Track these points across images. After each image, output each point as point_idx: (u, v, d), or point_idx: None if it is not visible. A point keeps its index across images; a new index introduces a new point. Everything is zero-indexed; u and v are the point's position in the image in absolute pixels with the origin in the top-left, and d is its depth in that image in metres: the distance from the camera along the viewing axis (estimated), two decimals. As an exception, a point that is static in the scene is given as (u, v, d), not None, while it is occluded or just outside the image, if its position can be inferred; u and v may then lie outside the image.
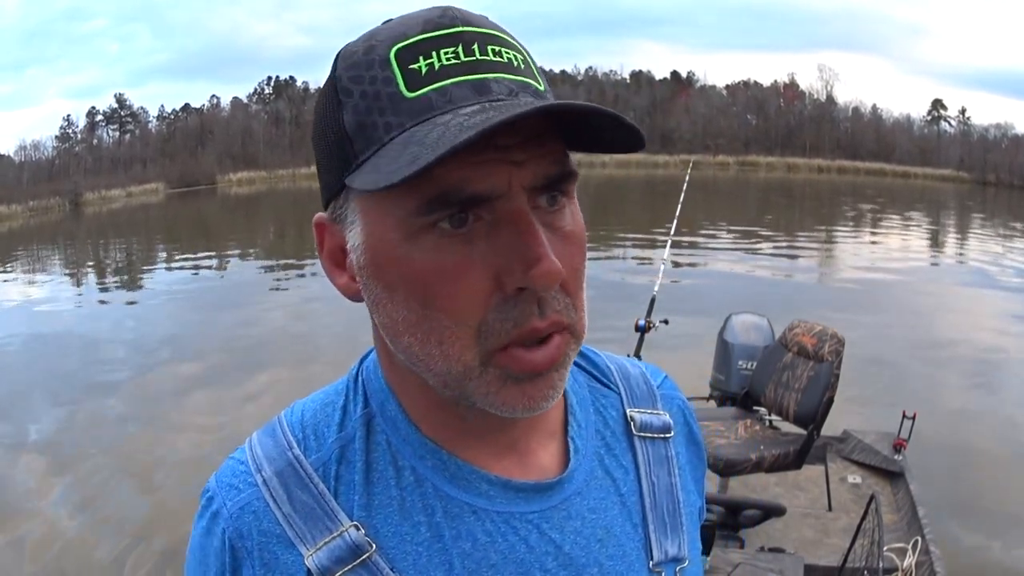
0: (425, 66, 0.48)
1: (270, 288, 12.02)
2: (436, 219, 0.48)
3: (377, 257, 0.50)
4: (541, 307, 0.49)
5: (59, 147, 49.32)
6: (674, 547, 0.63)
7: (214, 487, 0.58)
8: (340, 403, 0.60)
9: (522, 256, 0.47)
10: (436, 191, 0.47)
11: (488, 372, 0.50)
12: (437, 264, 0.48)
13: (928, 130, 57.01)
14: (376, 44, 0.49)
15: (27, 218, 31.64)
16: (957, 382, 6.41)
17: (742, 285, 10.52)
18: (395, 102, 0.48)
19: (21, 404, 6.29)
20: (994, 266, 12.72)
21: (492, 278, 0.48)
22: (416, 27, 0.49)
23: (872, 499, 2.49)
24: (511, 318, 0.49)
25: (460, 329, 0.49)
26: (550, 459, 0.60)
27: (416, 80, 0.48)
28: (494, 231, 0.48)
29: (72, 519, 4.32)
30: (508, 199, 0.48)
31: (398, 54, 0.48)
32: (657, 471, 0.65)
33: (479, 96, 0.47)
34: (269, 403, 5.85)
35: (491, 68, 0.49)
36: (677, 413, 0.70)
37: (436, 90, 0.47)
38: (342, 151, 0.50)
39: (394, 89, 0.48)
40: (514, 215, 0.48)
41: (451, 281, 0.48)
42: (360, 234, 0.51)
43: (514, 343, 0.49)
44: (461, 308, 0.49)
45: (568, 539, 0.57)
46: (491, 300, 0.49)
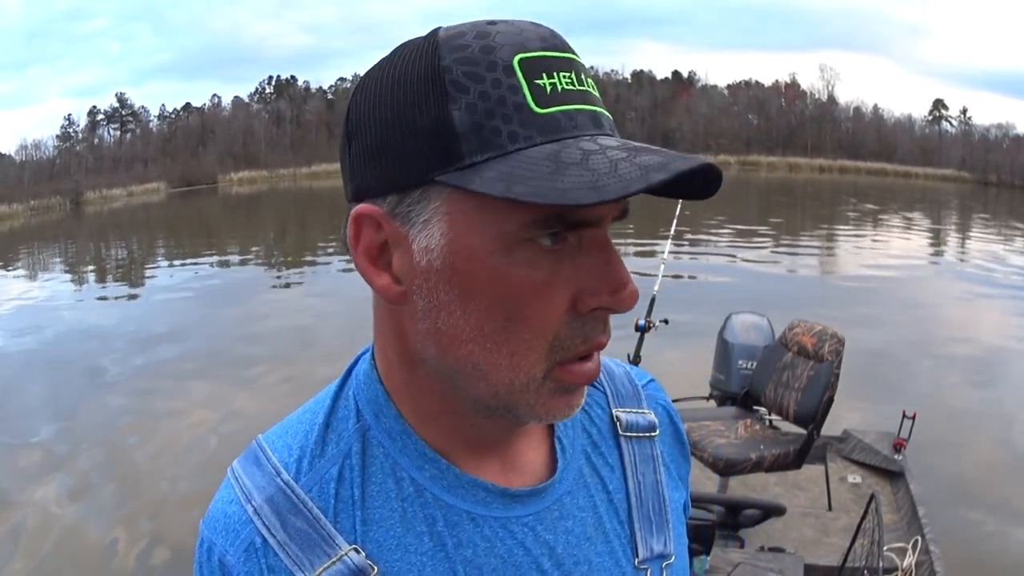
0: (549, 85, 0.48)
1: (271, 287, 12.04)
2: (539, 234, 0.48)
3: (464, 263, 0.49)
4: (605, 325, 0.53)
5: (60, 146, 49.45)
6: (660, 544, 0.64)
7: (208, 535, 0.57)
8: (327, 419, 0.58)
9: (610, 280, 0.50)
10: (553, 211, 0.47)
11: (545, 384, 0.52)
12: (530, 279, 0.49)
13: (929, 130, 56.99)
14: (495, 46, 0.48)
15: (28, 217, 31.67)
16: (957, 382, 6.41)
17: (742, 285, 10.53)
18: (522, 113, 0.47)
19: (21, 402, 6.30)
20: (995, 266, 12.71)
21: (571, 297, 0.50)
22: (535, 41, 0.49)
23: (872, 499, 2.49)
24: (581, 333, 0.51)
25: (537, 342, 0.50)
26: (538, 459, 0.61)
27: (543, 97, 0.47)
28: (580, 254, 0.50)
29: (71, 516, 4.32)
30: (600, 227, 0.50)
31: (522, 64, 0.47)
32: (643, 469, 0.65)
33: (595, 128, 0.49)
34: (269, 401, 5.85)
35: (596, 101, 0.50)
36: (662, 413, 0.70)
37: (563, 112, 0.48)
38: (443, 146, 0.47)
39: (521, 100, 0.47)
40: (603, 243, 0.50)
41: (539, 296, 0.49)
42: (441, 237, 0.49)
43: (573, 358, 0.52)
44: (542, 322, 0.50)
45: (560, 539, 0.58)
46: (565, 316, 0.51)
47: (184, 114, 57.92)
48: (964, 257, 14.51)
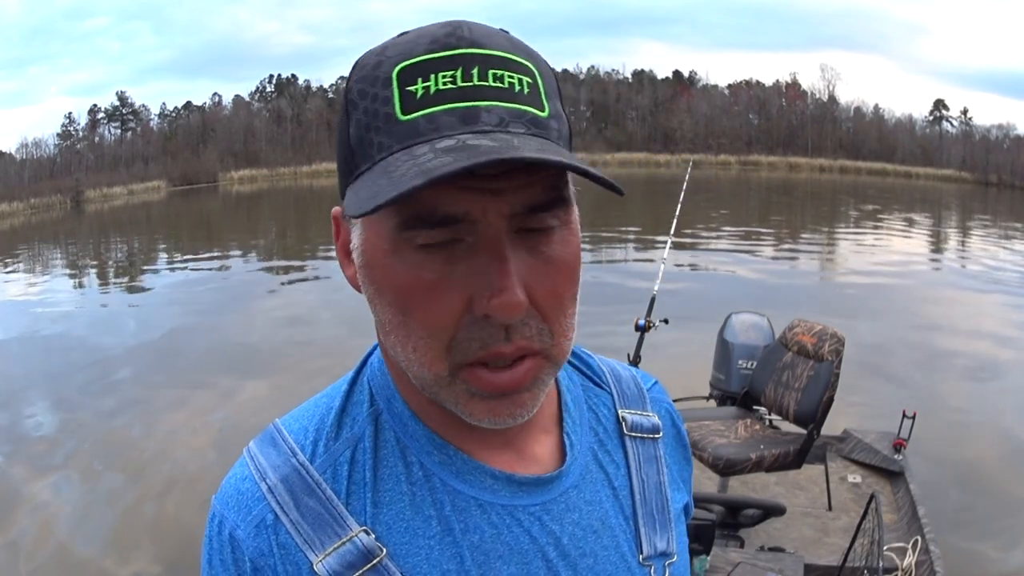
0: (421, 89, 0.49)
1: (271, 286, 12.04)
2: (416, 235, 0.49)
3: (369, 262, 0.52)
4: (508, 333, 0.50)
5: (61, 145, 49.45)
6: (663, 542, 0.65)
7: (220, 510, 0.58)
8: (343, 404, 0.60)
9: (488, 285, 0.49)
10: (413, 211, 0.48)
11: (456, 383, 0.52)
12: (416, 278, 0.50)
13: (930, 130, 56.96)
14: (384, 60, 0.50)
15: (29, 216, 31.69)
16: (957, 381, 6.40)
17: (742, 284, 10.52)
18: (389, 123, 0.49)
19: (20, 401, 6.30)
20: (995, 267, 12.70)
21: (467, 298, 0.50)
22: (423, 45, 0.50)
23: (872, 498, 2.49)
24: (479, 339, 0.50)
25: (433, 340, 0.51)
26: (545, 453, 0.62)
27: (411, 103, 0.49)
28: (473, 254, 0.49)
29: (70, 517, 4.32)
30: (485, 225, 0.49)
31: (400, 73, 0.49)
32: (647, 469, 0.67)
33: (464, 125, 0.48)
34: (270, 401, 5.85)
35: (487, 95, 0.49)
36: (665, 416, 0.72)
37: (426, 116, 0.48)
38: (346, 160, 0.52)
39: (390, 110, 0.49)
40: (488, 242, 0.49)
41: (427, 296, 0.50)
42: (359, 237, 0.53)
43: (479, 363, 0.51)
44: (434, 322, 0.50)
45: (567, 531, 0.59)
46: (463, 318, 0.50)
47: (185, 112, 57.95)
48: (964, 257, 14.51)
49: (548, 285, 0.51)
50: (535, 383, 0.53)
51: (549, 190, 0.50)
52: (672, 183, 6.84)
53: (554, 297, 0.52)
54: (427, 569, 0.55)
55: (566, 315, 0.53)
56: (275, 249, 17.11)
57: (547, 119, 0.51)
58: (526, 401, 0.53)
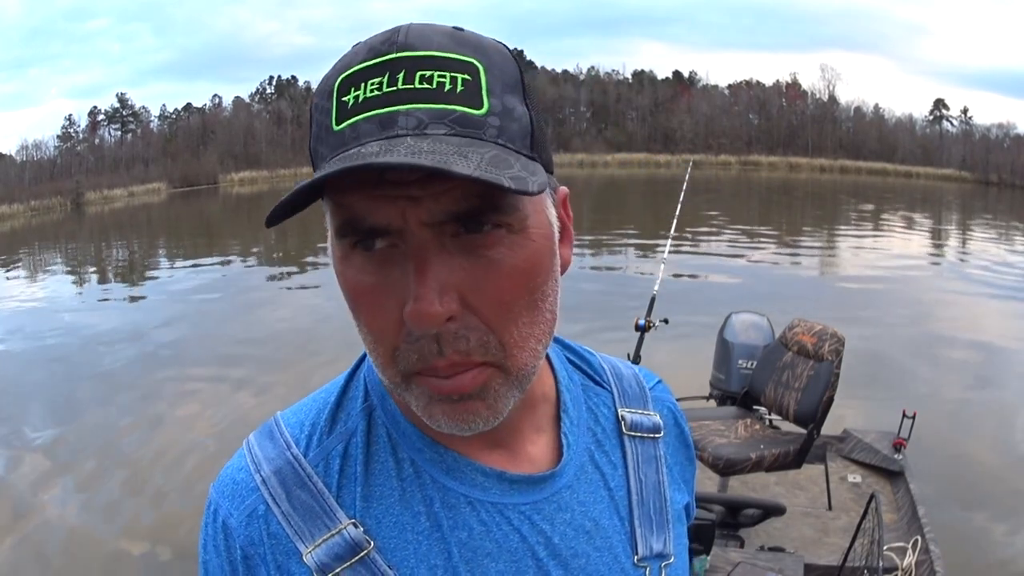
0: (352, 99, 0.49)
1: (272, 287, 12.04)
2: (353, 242, 0.50)
3: (333, 264, 0.53)
4: (440, 346, 0.48)
5: (61, 147, 49.43)
6: (659, 543, 0.64)
7: (216, 498, 0.59)
8: (339, 400, 0.61)
9: (408, 293, 0.48)
10: (343, 219, 0.49)
11: (412, 387, 0.51)
12: (358, 283, 0.50)
13: (930, 130, 56.99)
14: (331, 74, 0.51)
15: (29, 218, 31.69)
16: (957, 381, 6.40)
17: (742, 284, 10.53)
18: (327, 134, 0.50)
19: (22, 402, 6.30)
20: (995, 266, 12.69)
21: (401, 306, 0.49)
22: (361, 55, 0.50)
23: (872, 498, 2.49)
24: (415, 350, 0.49)
25: (380, 347, 0.51)
26: (540, 453, 0.61)
27: (343, 113, 0.49)
28: (405, 261, 0.49)
29: (72, 517, 4.33)
30: (409, 233, 0.48)
31: (339, 85, 0.50)
32: (645, 469, 0.66)
33: (382, 131, 0.47)
34: (270, 400, 5.87)
35: (408, 98, 0.48)
36: (668, 415, 0.71)
37: (351, 125, 0.49)
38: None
39: (328, 121, 0.50)
40: (412, 250, 0.48)
41: (369, 302, 0.50)
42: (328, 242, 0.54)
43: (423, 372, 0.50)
44: (378, 330, 0.51)
45: (558, 530, 0.59)
46: (403, 328, 0.49)
47: (185, 114, 57.97)
48: (965, 257, 14.50)
49: (491, 292, 0.49)
50: (486, 392, 0.51)
51: (476, 197, 0.47)
52: (672, 183, 6.85)
53: (499, 305, 0.49)
54: (414, 563, 0.55)
55: (518, 324, 0.50)
56: (276, 250, 17.11)
57: (482, 116, 0.49)
58: (479, 410, 0.51)
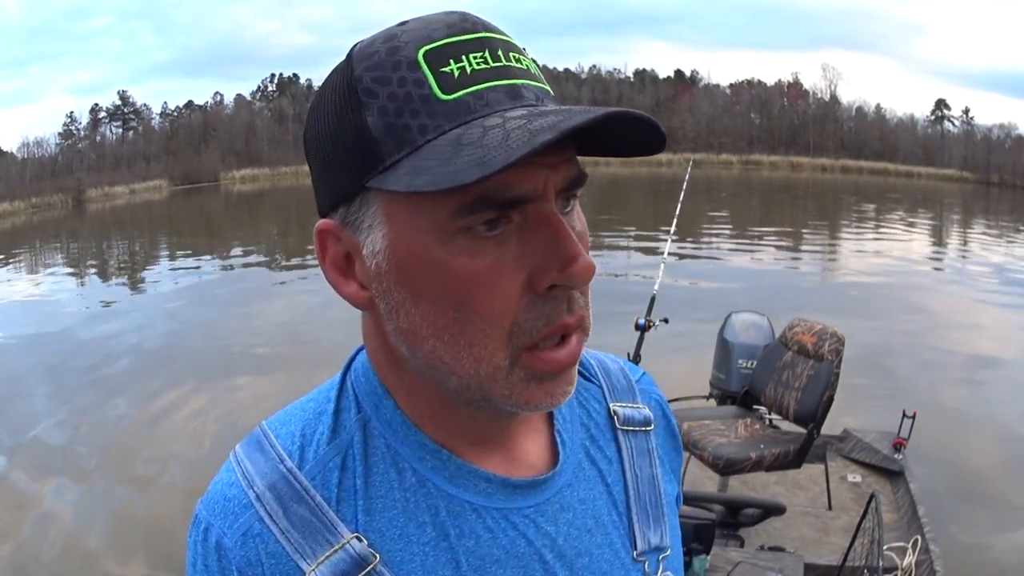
0: (457, 69, 0.48)
1: (272, 286, 12.04)
2: (473, 221, 0.48)
3: (406, 261, 0.50)
4: (569, 304, 0.51)
5: (62, 144, 49.43)
6: (656, 537, 0.65)
7: (206, 516, 0.56)
8: (331, 409, 0.58)
9: (559, 255, 0.49)
10: (478, 193, 0.47)
11: (515, 373, 0.51)
12: (473, 267, 0.49)
13: (932, 130, 56.91)
14: (400, 45, 0.49)
15: (30, 215, 31.69)
16: (957, 381, 6.40)
17: (742, 284, 10.51)
18: (429, 104, 0.48)
19: (22, 401, 6.30)
20: (996, 267, 12.69)
21: (524, 279, 0.49)
22: (441, 30, 0.49)
23: (872, 498, 2.49)
24: (543, 315, 0.50)
25: (493, 330, 0.50)
26: (538, 452, 0.61)
27: (450, 83, 0.48)
28: (526, 233, 0.49)
29: (71, 514, 4.34)
30: (543, 201, 0.49)
31: (427, 56, 0.48)
32: (640, 463, 0.66)
33: (513, 101, 0.48)
34: (270, 399, 5.86)
35: (518, 74, 0.50)
36: (655, 407, 0.71)
37: (472, 93, 0.48)
38: (365, 153, 0.49)
39: (427, 91, 0.48)
40: (547, 217, 0.49)
41: (487, 284, 0.49)
42: (383, 239, 0.51)
43: (541, 342, 0.51)
44: (496, 309, 0.49)
45: (562, 531, 0.58)
46: (522, 300, 0.50)
47: (186, 112, 57.96)
48: (965, 257, 14.49)
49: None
50: (579, 357, 0.53)
51: (577, 166, 0.51)
52: (673, 183, 6.85)
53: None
54: (422, 575, 0.54)
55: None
56: (277, 248, 17.11)
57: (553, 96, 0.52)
58: (572, 377, 0.53)
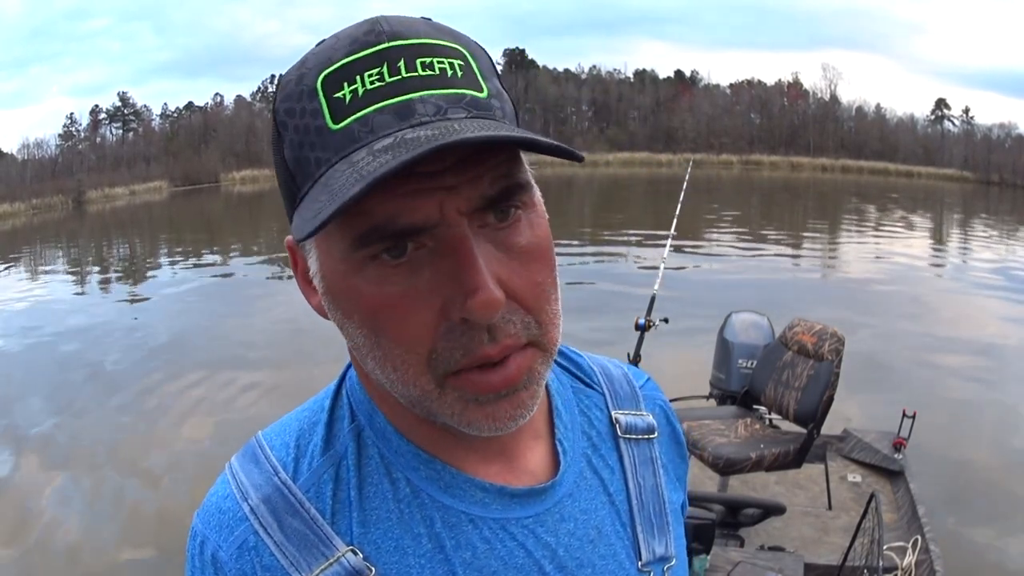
0: (349, 93, 0.46)
1: (272, 286, 12.04)
2: (374, 252, 0.47)
3: (330, 287, 0.50)
4: (492, 333, 0.47)
5: (62, 145, 49.38)
6: (661, 547, 0.63)
7: (202, 530, 0.56)
8: (325, 420, 0.58)
9: (461, 286, 0.46)
10: (367, 226, 0.46)
11: (447, 394, 0.49)
12: (382, 295, 0.47)
13: (932, 129, 56.86)
14: (305, 72, 0.48)
15: (30, 216, 31.69)
16: (957, 381, 6.39)
17: (742, 283, 10.51)
18: (322, 136, 0.47)
19: (22, 402, 6.31)
20: (996, 266, 12.68)
21: (439, 306, 0.47)
22: (343, 49, 0.48)
23: (872, 498, 2.49)
24: (460, 346, 0.47)
25: (411, 356, 0.48)
26: (538, 461, 0.60)
27: (341, 110, 0.47)
28: (436, 259, 0.47)
29: (70, 517, 4.34)
30: (445, 226, 0.46)
31: (324, 82, 0.47)
32: (643, 472, 0.64)
33: (401, 121, 0.46)
34: (269, 401, 5.87)
35: (418, 86, 0.47)
36: (660, 414, 0.70)
37: (358, 120, 0.46)
38: (288, 185, 0.51)
39: (321, 122, 0.47)
40: (451, 243, 0.46)
41: (397, 311, 0.47)
42: (316, 263, 0.51)
43: (466, 368, 0.48)
44: (409, 337, 0.48)
45: (563, 542, 0.57)
46: (439, 328, 0.47)
47: (186, 113, 57.96)
48: (966, 257, 14.49)
49: (525, 276, 0.49)
50: (531, 377, 0.50)
51: (504, 177, 0.47)
52: (674, 183, 6.85)
53: (534, 287, 0.49)
54: None
55: (550, 302, 0.51)
56: (277, 249, 17.10)
57: (487, 99, 0.49)
58: (524, 400, 0.50)
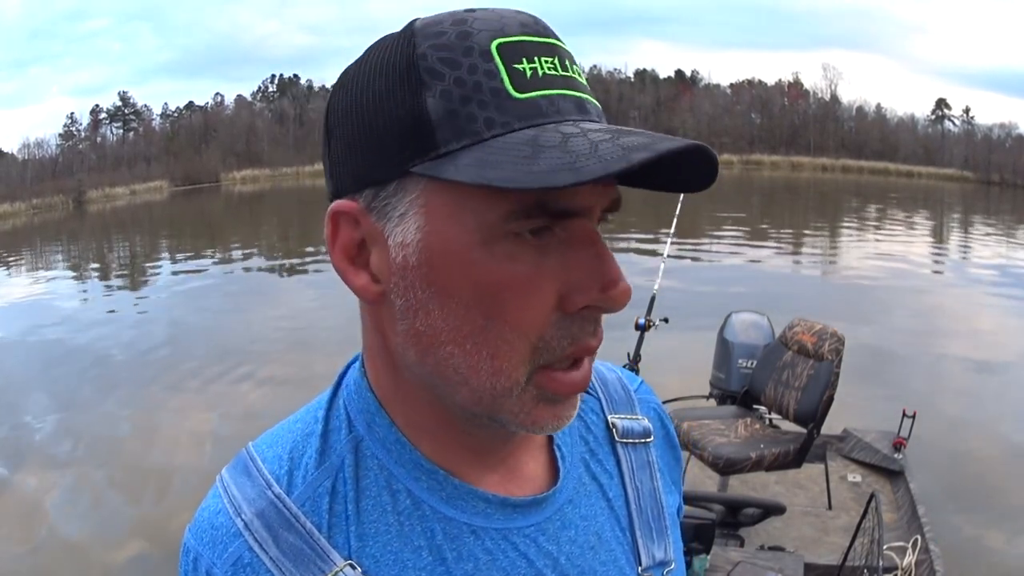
0: (529, 69, 0.46)
1: (273, 286, 12.05)
2: (522, 227, 0.45)
3: (440, 258, 0.47)
4: (595, 327, 0.49)
5: (63, 145, 49.41)
6: (660, 551, 0.63)
7: (195, 546, 0.54)
8: (319, 431, 0.56)
9: (600, 276, 0.47)
10: (536, 199, 0.45)
11: (528, 391, 0.49)
12: (512, 273, 0.46)
13: (932, 129, 56.83)
14: (472, 32, 0.46)
15: (31, 216, 31.71)
16: (957, 381, 6.40)
17: (742, 283, 10.51)
18: (499, 98, 0.45)
19: (23, 401, 6.31)
20: (996, 266, 12.68)
21: (557, 294, 0.47)
22: (514, 26, 0.47)
23: (872, 498, 2.49)
24: (569, 334, 0.48)
25: (520, 342, 0.47)
26: (538, 468, 0.60)
27: (522, 81, 0.46)
28: (567, 248, 0.47)
29: (72, 517, 4.34)
30: (588, 219, 0.48)
31: (500, 49, 0.46)
32: (640, 476, 0.64)
33: (580, 114, 0.47)
34: (269, 402, 5.87)
35: (583, 88, 0.48)
36: (655, 417, 0.69)
37: (544, 97, 0.46)
38: (415, 135, 0.46)
39: (499, 85, 0.45)
40: (591, 235, 0.48)
41: (522, 292, 0.46)
42: (417, 231, 0.47)
43: (559, 362, 0.49)
44: (527, 320, 0.47)
45: (564, 550, 0.57)
46: (552, 315, 0.48)
47: (187, 112, 57.98)
48: (966, 257, 14.49)
49: None
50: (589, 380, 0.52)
51: (617, 189, 0.50)
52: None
53: None
54: None
55: None
56: (277, 249, 17.11)
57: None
58: (578, 401, 0.52)
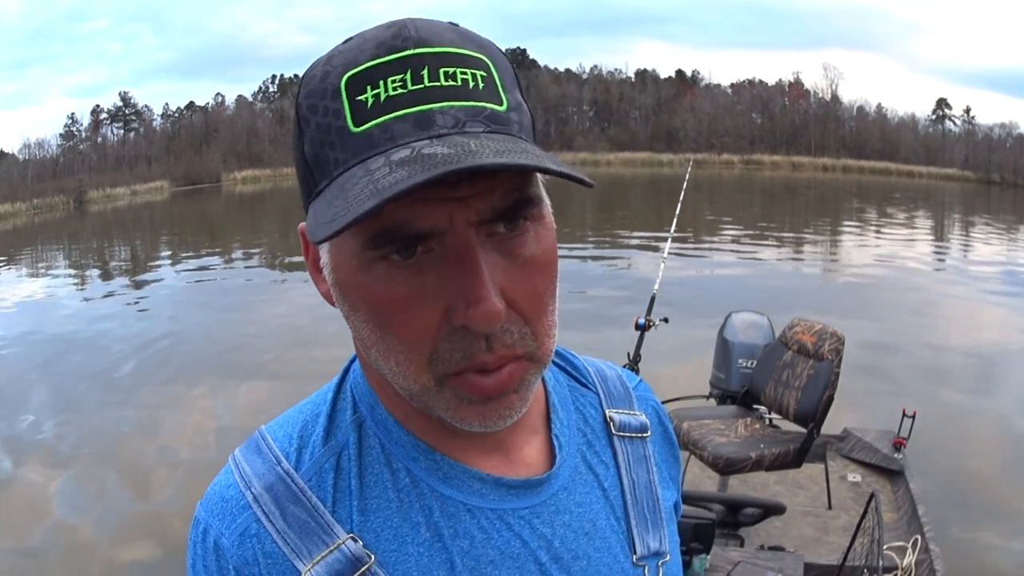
0: (372, 97, 0.48)
1: (274, 286, 12.05)
2: (384, 252, 0.48)
3: (339, 280, 0.52)
4: (489, 342, 0.49)
5: (63, 145, 49.40)
6: (655, 542, 0.65)
7: (205, 517, 0.57)
8: (327, 411, 0.60)
9: (463, 295, 0.47)
10: (379, 228, 0.47)
11: (445, 391, 0.51)
12: (389, 293, 0.49)
13: (933, 129, 56.77)
14: (330, 70, 0.49)
15: (31, 216, 31.72)
16: (958, 380, 6.39)
17: (743, 283, 10.52)
18: (342, 137, 0.48)
19: (24, 401, 6.31)
20: (997, 266, 12.68)
21: (442, 309, 0.49)
22: (368, 51, 0.49)
23: (872, 497, 2.49)
24: (460, 349, 0.49)
25: (413, 355, 0.50)
26: (535, 455, 0.61)
27: (362, 113, 0.48)
28: (443, 264, 0.48)
29: (72, 516, 4.34)
30: (453, 234, 0.47)
31: (348, 83, 0.48)
32: (637, 469, 0.66)
33: (419, 131, 0.47)
34: (271, 401, 5.87)
35: (439, 96, 0.48)
36: (652, 414, 0.71)
37: (379, 125, 0.47)
38: (306, 179, 0.52)
39: (342, 123, 0.48)
40: (458, 251, 0.48)
41: (402, 310, 0.49)
42: (327, 255, 0.53)
43: (464, 371, 0.50)
44: (412, 336, 0.49)
45: (558, 533, 0.58)
46: (442, 330, 0.49)
47: (187, 113, 57.97)
48: (966, 256, 14.49)
49: (528, 287, 0.50)
50: (521, 385, 0.52)
51: (515, 191, 0.49)
52: (675, 182, 6.85)
53: (534, 298, 0.51)
54: (417, 574, 0.54)
55: (547, 313, 0.52)
56: (278, 249, 17.11)
57: (506, 112, 0.50)
58: (514, 403, 0.52)
